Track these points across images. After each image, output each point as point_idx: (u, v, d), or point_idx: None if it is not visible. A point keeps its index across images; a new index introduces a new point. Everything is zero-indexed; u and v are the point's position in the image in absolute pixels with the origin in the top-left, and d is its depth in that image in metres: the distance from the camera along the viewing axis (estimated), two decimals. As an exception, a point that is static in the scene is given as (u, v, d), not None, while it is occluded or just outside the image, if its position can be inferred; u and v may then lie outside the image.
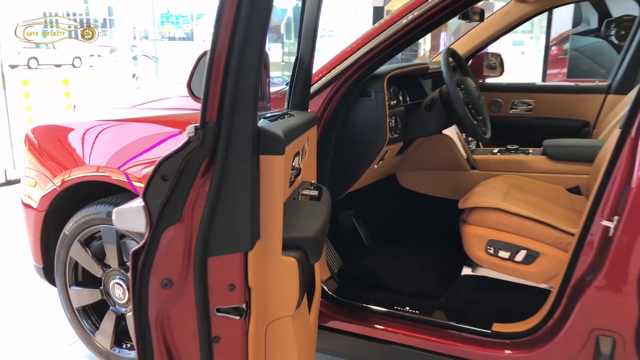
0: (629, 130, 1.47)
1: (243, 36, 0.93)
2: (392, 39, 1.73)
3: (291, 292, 1.14)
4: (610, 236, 1.49)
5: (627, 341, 1.52)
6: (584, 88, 3.27)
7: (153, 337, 1.03)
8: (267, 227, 1.08)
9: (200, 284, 0.99)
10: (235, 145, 0.97)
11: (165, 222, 0.98)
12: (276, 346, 1.15)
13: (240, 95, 0.96)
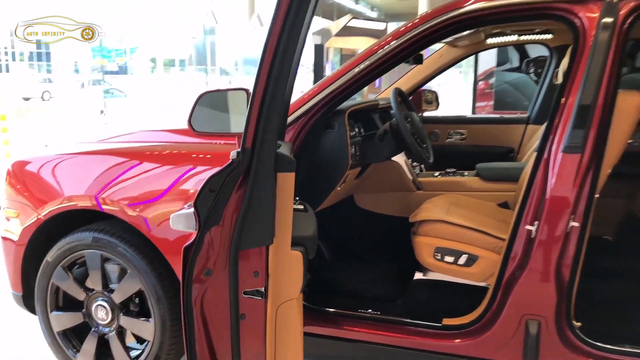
0: (542, 154, 1.86)
1: (272, 88, 1.23)
2: (351, 81, 2.06)
3: (297, 279, 1.43)
4: (532, 237, 1.85)
5: (549, 322, 1.87)
6: (508, 119, 3.77)
7: (194, 315, 1.29)
8: (280, 227, 1.37)
9: (233, 272, 1.26)
10: (263, 165, 1.26)
11: (210, 224, 1.25)
12: (285, 323, 1.43)
13: (268, 129, 1.26)
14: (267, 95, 1.25)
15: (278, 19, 1.27)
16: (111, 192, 2.19)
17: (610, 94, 1.76)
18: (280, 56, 1.26)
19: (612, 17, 1.78)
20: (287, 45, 1.27)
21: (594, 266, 2.09)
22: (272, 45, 1.27)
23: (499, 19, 2.16)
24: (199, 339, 1.32)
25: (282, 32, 1.27)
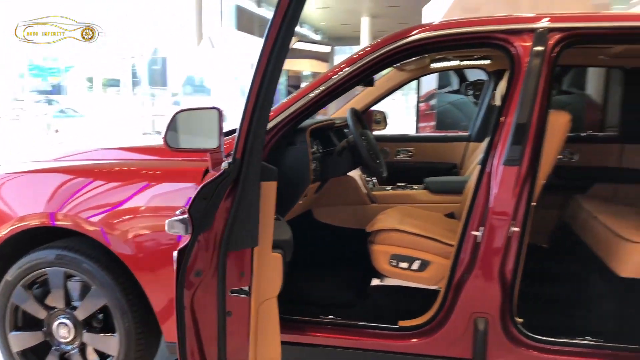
0: (485, 167, 2.08)
1: (261, 106, 1.37)
2: (311, 103, 2.21)
3: (277, 279, 1.55)
4: (478, 242, 2.05)
5: (495, 318, 2.06)
6: (451, 137, 4.05)
7: (185, 313, 1.38)
8: (263, 232, 1.49)
9: (222, 272, 1.37)
10: (250, 175, 1.38)
11: (201, 229, 1.35)
12: (266, 319, 1.55)
13: (256, 142, 1.39)
14: (255, 112, 1.39)
15: (267, 45, 1.42)
16: (68, 208, 2.22)
17: (543, 113, 2.00)
18: (268, 78, 1.40)
19: (542, 46, 2.03)
20: (275, 68, 1.42)
21: (532, 270, 2.33)
22: (261, 68, 1.41)
23: (443, 46, 2.40)
24: (189, 334, 1.41)
25: (271, 57, 1.41)
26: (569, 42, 2.06)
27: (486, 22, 2.20)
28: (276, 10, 1.47)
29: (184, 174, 2.17)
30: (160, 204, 2.15)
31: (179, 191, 2.14)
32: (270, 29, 1.45)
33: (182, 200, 2.08)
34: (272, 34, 1.43)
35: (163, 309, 2.17)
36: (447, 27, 2.22)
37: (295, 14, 1.45)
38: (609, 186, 3.36)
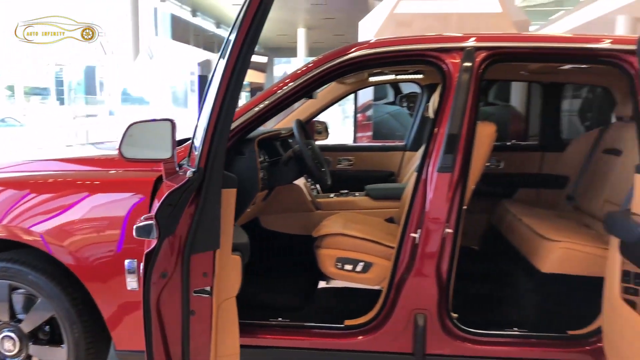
0: (421, 174, 2.25)
1: (224, 119, 1.46)
2: (258, 115, 2.32)
3: (237, 279, 1.64)
4: (416, 244, 2.22)
5: (433, 314, 2.24)
6: (389, 147, 4.27)
7: (152, 313, 1.44)
8: (224, 235, 1.57)
9: (186, 273, 1.44)
10: (213, 183, 1.47)
11: (167, 233, 1.42)
12: (226, 317, 1.63)
13: (218, 154, 1.48)
14: (218, 125, 1.48)
15: (229, 63, 1.52)
16: (7, 220, 2.22)
17: (472, 124, 2.21)
18: (230, 94, 1.50)
19: (470, 63, 2.24)
20: (236, 85, 1.52)
21: (465, 270, 2.53)
22: (224, 84, 1.51)
23: (380, 63, 2.58)
24: (155, 333, 1.48)
25: (232, 75, 1.51)
26: (493, 59, 2.28)
27: (419, 40, 2.39)
28: (238, 30, 1.57)
29: (122, 185, 2.23)
30: (99, 213, 2.19)
31: (117, 201, 2.18)
32: (233, 49, 1.55)
33: (121, 210, 2.14)
34: (234, 53, 1.54)
35: (112, 315, 2.19)
36: (383, 45, 2.39)
37: (256, 34, 1.57)
38: (531, 191, 3.67)
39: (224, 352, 1.68)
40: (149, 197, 2.11)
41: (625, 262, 1.99)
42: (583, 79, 3.60)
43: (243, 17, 1.56)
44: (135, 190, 2.16)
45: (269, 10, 1.58)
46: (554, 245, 2.47)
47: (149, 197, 2.11)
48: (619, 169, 2.70)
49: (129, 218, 2.14)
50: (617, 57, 2.24)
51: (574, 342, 2.27)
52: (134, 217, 2.10)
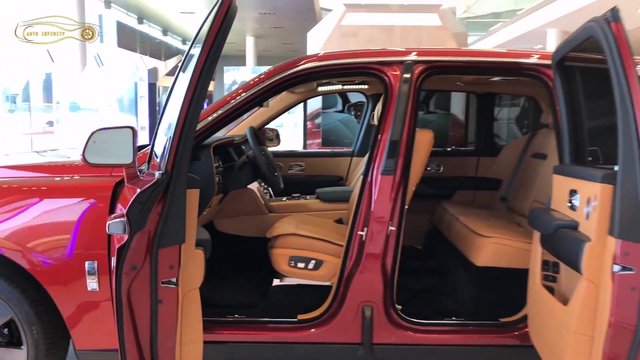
0: (367, 176, 2.45)
1: (189, 125, 1.60)
2: (212, 124, 2.45)
3: (200, 272, 1.78)
4: (363, 241, 2.41)
5: (379, 305, 2.42)
6: (337, 153, 4.48)
7: (123, 303, 1.55)
8: (189, 231, 1.71)
9: (154, 266, 1.57)
10: (178, 184, 1.61)
11: (137, 229, 1.54)
12: (190, 306, 1.77)
13: (183, 157, 1.62)
14: (184, 131, 1.62)
15: (194, 76, 1.66)
16: None
17: (411, 131, 2.42)
18: (194, 104, 1.64)
19: (409, 75, 2.45)
20: (201, 91, 1.66)
21: (409, 267, 2.74)
22: (189, 95, 1.65)
23: (328, 74, 2.78)
24: (126, 320, 1.59)
25: (197, 87, 1.65)
26: (430, 72, 2.50)
27: (363, 54, 2.60)
28: (202, 45, 1.72)
29: (71, 190, 2.31)
30: (51, 217, 2.26)
31: (67, 206, 2.26)
32: (197, 63, 1.69)
33: (70, 215, 2.22)
34: (198, 67, 1.68)
35: (72, 315, 2.26)
36: (330, 59, 2.59)
37: (219, 49, 1.72)
38: (469, 193, 3.95)
39: (188, 339, 1.82)
40: (107, 201, 2.20)
41: (544, 253, 2.26)
42: (513, 89, 3.93)
43: (207, 33, 1.70)
44: (84, 196, 2.25)
45: (230, 27, 1.73)
46: (486, 240, 2.72)
47: (107, 201, 2.20)
48: (545, 172, 2.98)
49: (81, 222, 2.22)
50: (538, 70, 2.51)
51: (505, 329, 2.50)
52: (87, 221, 2.20)
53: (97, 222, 2.18)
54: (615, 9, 1.80)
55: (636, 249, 1.71)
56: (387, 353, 2.46)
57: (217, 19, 1.69)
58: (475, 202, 3.92)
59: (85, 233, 2.22)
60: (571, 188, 2.08)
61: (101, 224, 2.11)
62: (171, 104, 2.06)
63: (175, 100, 2.10)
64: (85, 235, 2.22)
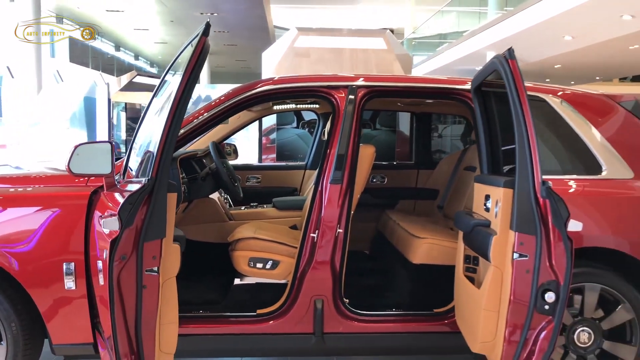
0: (318, 185, 2.80)
1: (170, 138, 1.93)
2: (179, 139, 2.72)
3: (176, 262, 2.09)
4: (315, 242, 2.75)
5: (329, 298, 2.76)
6: (292, 166, 4.84)
7: (114, 288, 1.84)
8: (168, 228, 2.02)
9: (140, 256, 1.87)
10: (161, 188, 1.92)
11: (127, 225, 1.84)
12: (168, 292, 2.08)
13: (165, 167, 1.94)
14: (166, 144, 1.94)
15: (177, 97, 1.98)
16: None
17: (356, 146, 2.80)
18: (175, 121, 1.96)
19: (353, 97, 2.84)
20: (182, 106, 1.98)
21: (357, 268, 3.10)
22: (172, 113, 1.97)
23: (283, 96, 3.14)
24: (116, 302, 1.87)
25: (178, 107, 1.97)
26: (371, 95, 2.90)
27: (314, 79, 2.98)
28: (182, 75, 2.04)
29: (32, 200, 2.56)
30: (17, 224, 2.50)
31: (34, 214, 2.49)
32: (177, 92, 2.02)
33: (36, 222, 2.45)
34: (178, 94, 2.01)
35: (49, 308, 2.46)
36: (285, 82, 2.95)
37: (195, 80, 2.05)
38: (409, 202, 4.39)
39: (166, 320, 2.11)
40: (84, 208, 2.45)
41: (466, 249, 2.67)
42: (446, 109, 4.41)
43: (185, 68, 2.03)
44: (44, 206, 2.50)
45: (205, 60, 2.07)
46: (421, 241, 3.13)
47: (84, 208, 2.45)
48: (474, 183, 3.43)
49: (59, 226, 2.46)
50: (463, 94, 2.95)
51: (438, 318, 2.88)
52: (50, 227, 2.44)
53: (73, 225, 2.44)
54: (511, 49, 2.25)
55: (529, 239, 2.14)
56: (336, 341, 2.79)
57: (193, 56, 2.03)
58: (415, 210, 4.35)
59: (62, 235, 2.45)
60: (486, 193, 2.50)
61: (78, 228, 2.40)
62: (147, 123, 2.38)
63: (152, 120, 2.42)
64: (62, 237, 2.45)
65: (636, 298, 2.61)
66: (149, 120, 2.52)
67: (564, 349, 2.61)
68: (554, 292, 2.10)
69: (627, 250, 2.63)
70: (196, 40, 2.06)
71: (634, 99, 3.03)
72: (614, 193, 2.72)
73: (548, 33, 10.90)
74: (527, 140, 2.13)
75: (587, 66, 13.87)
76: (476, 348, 2.39)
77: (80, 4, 13.95)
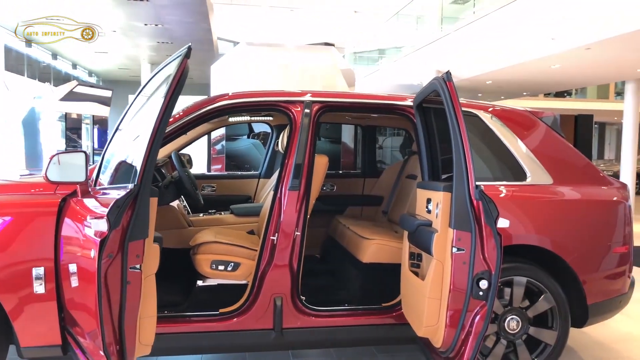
0: (277, 192, 3.03)
1: (154, 148, 2.11)
2: None
3: (155, 261, 2.26)
4: (275, 244, 2.98)
5: (287, 296, 2.98)
6: (246, 175, 5.05)
7: (102, 283, 1.99)
8: (149, 229, 2.19)
9: (125, 254, 2.04)
10: (145, 193, 2.10)
11: (114, 227, 2.00)
12: (149, 287, 2.24)
13: (149, 174, 2.12)
14: (150, 154, 2.12)
15: (164, 103, 2.17)
16: None
17: (312, 156, 3.06)
18: (160, 131, 2.15)
19: (309, 110, 3.10)
20: (164, 124, 2.17)
21: (310, 269, 3.34)
22: (157, 125, 2.15)
23: (241, 110, 3.35)
24: (103, 295, 2.02)
25: (162, 118, 2.16)
26: (324, 109, 3.18)
27: (272, 94, 3.22)
28: (170, 84, 2.23)
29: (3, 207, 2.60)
30: None
31: None
32: (164, 101, 2.20)
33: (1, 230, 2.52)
34: (164, 105, 2.20)
35: (18, 312, 2.53)
36: (245, 97, 3.18)
37: (180, 88, 2.24)
38: (357, 208, 4.70)
39: (146, 313, 2.28)
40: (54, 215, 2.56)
41: (411, 247, 2.99)
42: (390, 123, 4.76)
43: (167, 89, 2.22)
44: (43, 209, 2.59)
45: (185, 81, 2.28)
46: (370, 242, 3.42)
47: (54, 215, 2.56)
48: (415, 189, 3.76)
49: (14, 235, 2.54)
50: (405, 110, 3.28)
51: (386, 311, 3.17)
52: (20, 234, 2.53)
53: (43, 232, 2.53)
54: (449, 72, 2.59)
55: (466, 235, 2.48)
56: (294, 335, 3.02)
57: (176, 75, 2.23)
58: (362, 215, 4.66)
59: (33, 241, 2.54)
60: (427, 197, 2.83)
61: (49, 234, 2.50)
62: (120, 138, 2.55)
63: (126, 135, 2.59)
64: (33, 243, 2.53)
65: (556, 288, 3.01)
66: (122, 137, 2.69)
67: (496, 336, 2.96)
68: (487, 280, 2.44)
69: (548, 246, 3.03)
70: (179, 59, 2.27)
71: (553, 115, 3.48)
72: (537, 197, 3.12)
73: (479, 53, 11.69)
74: (462, 149, 2.47)
75: (515, 83, 14.87)
76: (421, 332, 2.70)
77: (17, 10, 13.57)
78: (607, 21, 8.08)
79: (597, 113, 16.26)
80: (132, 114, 2.72)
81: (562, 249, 3.04)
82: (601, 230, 3.23)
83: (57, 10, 10.28)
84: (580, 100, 24.69)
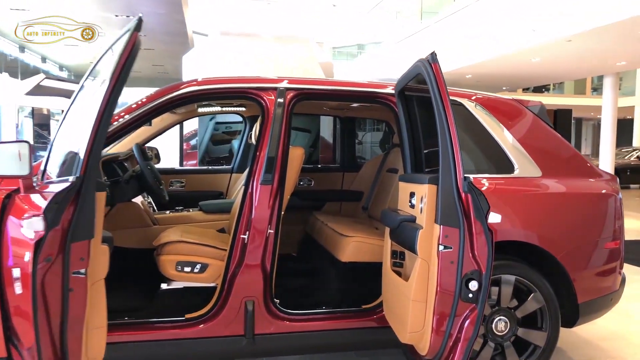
0: (248, 187, 2.79)
1: (99, 137, 1.84)
2: None
3: (105, 264, 1.98)
4: (245, 243, 2.74)
5: (260, 300, 2.75)
6: (217, 170, 4.78)
7: (37, 291, 1.71)
8: (96, 228, 1.92)
9: (67, 258, 1.76)
10: (90, 186, 1.82)
11: (52, 226, 1.72)
12: (96, 296, 1.96)
13: (94, 165, 1.85)
14: (95, 142, 1.85)
15: (105, 98, 1.90)
16: None
17: (286, 148, 2.82)
18: (106, 115, 1.88)
19: (282, 99, 2.86)
20: (111, 107, 1.90)
21: (286, 269, 3.11)
22: (102, 108, 1.88)
23: (209, 97, 3.09)
24: (39, 307, 1.75)
25: (107, 106, 1.89)
26: (299, 97, 2.94)
27: (242, 80, 2.97)
28: (111, 76, 1.96)
29: None
30: None
31: None
32: (110, 82, 1.94)
33: None
34: (107, 94, 1.93)
35: None
36: (211, 83, 2.91)
37: (129, 68, 1.98)
38: (336, 204, 4.47)
39: (94, 325, 2.01)
40: None
41: (393, 244, 2.77)
42: (370, 114, 4.55)
43: (114, 67, 1.96)
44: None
45: (134, 60, 2.01)
46: (349, 239, 3.20)
47: None
48: (397, 184, 3.56)
49: None
50: (386, 98, 3.06)
51: (366, 314, 2.96)
52: None
53: None
54: (434, 53, 2.37)
55: (453, 232, 2.26)
56: (267, 342, 2.79)
57: (124, 52, 1.97)
58: (341, 211, 4.44)
59: None
60: (411, 191, 2.61)
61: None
62: (67, 125, 2.27)
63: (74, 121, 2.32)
64: None
65: (545, 287, 2.82)
66: (70, 123, 2.41)
67: (483, 338, 2.77)
68: (477, 280, 2.23)
69: (536, 242, 2.84)
70: (127, 35, 2.00)
71: (540, 103, 3.29)
72: (525, 190, 2.93)
73: (459, 45, 11.55)
74: (449, 137, 2.26)
75: (495, 77, 14.81)
76: (405, 338, 2.48)
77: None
78: (589, 13, 7.99)
79: (574, 108, 16.32)
80: (80, 98, 2.45)
81: (552, 245, 2.86)
82: (592, 224, 3.06)
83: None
84: (557, 95, 24.92)
